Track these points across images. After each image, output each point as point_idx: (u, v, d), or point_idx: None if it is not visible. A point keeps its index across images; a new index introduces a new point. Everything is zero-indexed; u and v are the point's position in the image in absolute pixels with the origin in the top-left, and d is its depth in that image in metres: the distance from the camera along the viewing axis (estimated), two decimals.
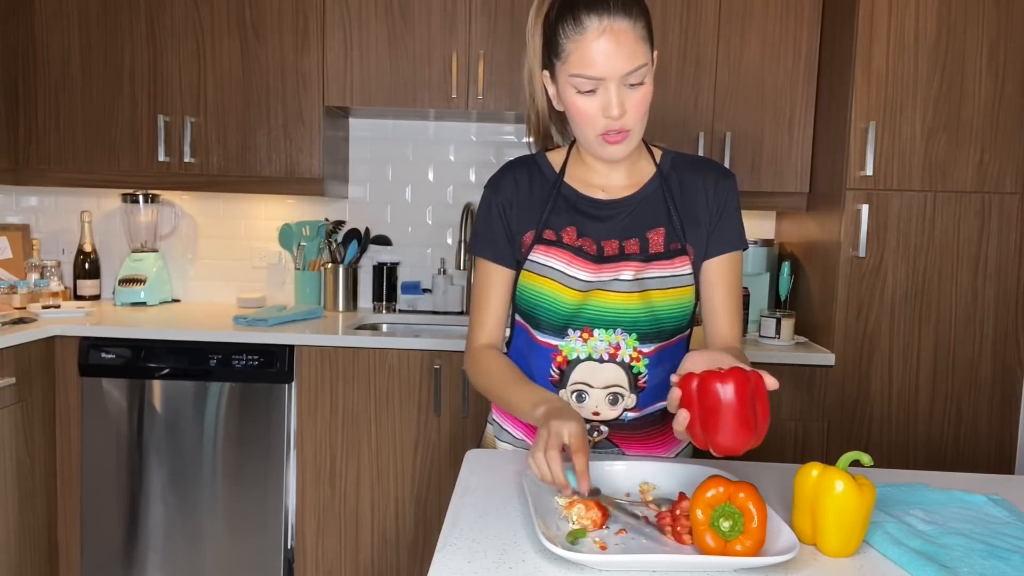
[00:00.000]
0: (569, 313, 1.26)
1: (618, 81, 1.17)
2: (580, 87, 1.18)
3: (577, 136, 1.27)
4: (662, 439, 1.34)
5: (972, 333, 2.28)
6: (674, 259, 1.27)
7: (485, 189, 1.37)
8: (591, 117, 1.20)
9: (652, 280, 1.25)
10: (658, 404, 1.32)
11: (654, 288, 1.25)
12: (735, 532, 0.89)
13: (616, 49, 1.15)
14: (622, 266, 1.25)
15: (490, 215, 1.34)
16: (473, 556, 0.91)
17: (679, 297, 1.27)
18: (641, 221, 1.29)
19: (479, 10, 2.54)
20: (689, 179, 1.31)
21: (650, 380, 1.29)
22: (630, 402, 1.29)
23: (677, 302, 1.27)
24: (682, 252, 1.27)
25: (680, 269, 1.26)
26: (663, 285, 1.25)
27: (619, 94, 1.17)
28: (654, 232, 1.28)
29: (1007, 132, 2.22)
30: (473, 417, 2.38)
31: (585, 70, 1.17)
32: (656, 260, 1.26)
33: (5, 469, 2.22)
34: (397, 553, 2.43)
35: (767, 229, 2.90)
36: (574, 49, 1.17)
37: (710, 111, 2.53)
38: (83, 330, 2.38)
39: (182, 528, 2.41)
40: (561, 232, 1.29)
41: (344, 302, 2.87)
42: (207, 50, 2.59)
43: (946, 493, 1.14)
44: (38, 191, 2.97)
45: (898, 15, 2.21)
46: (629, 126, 1.20)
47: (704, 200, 1.30)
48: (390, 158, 2.95)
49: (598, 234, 1.28)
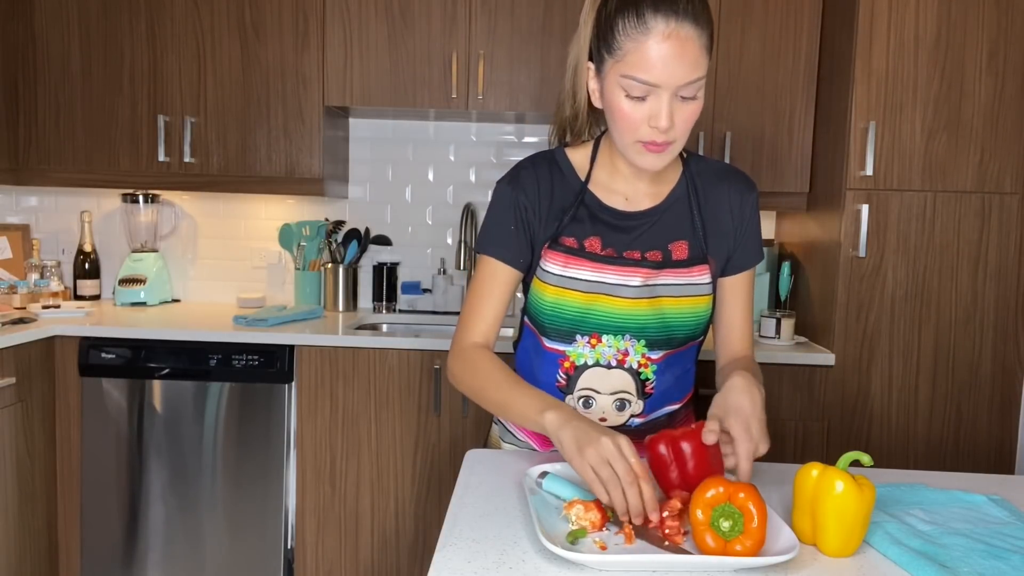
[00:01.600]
0: (575, 316, 1.23)
1: (672, 91, 1.09)
2: (631, 91, 1.10)
3: (615, 137, 1.19)
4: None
5: (972, 333, 2.28)
6: (693, 268, 1.24)
7: (502, 185, 1.28)
8: (635, 123, 1.12)
9: (665, 287, 1.23)
10: (665, 409, 1.31)
11: (667, 295, 1.23)
12: (735, 532, 0.89)
13: (679, 57, 1.07)
14: (631, 271, 1.22)
15: (507, 213, 1.26)
16: (473, 556, 0.91)
17: (694, 306, 1.24)
18: (665, 232, 1.25)
19: (479, 10, 2.54)
20: (714, 189, 1.28)
21: (657, 386, 1.28)
22: (637, 408, 1.28)
23: (691, 311, 1.24)
24: (703, 261, 1.25)
25: (698, 278, 1.24)
26: (678, 293, 1.23)
27: (670, 105, 1.09)
28: (677, 244, 1.26)
29: (1007, 132, 2.22)
30: (473, 417, 2.38)
31: (641, 74, 1.08)
32: (671, 268, 1.23)
33: (5, 469, 2.22)
34: (397, 553, 2.43)
35: (767, 229, 2.90)
36: (633, 49, 1.08)
37: (710, 111, 2.53)
38: (83, 330, 2.38)
39: (182, 528, 2.41)
40: (584, 241, 1.24)
41: (344, 302, 2.87)
42: (207, 50, 2.59)
43: (946, 493, 1.14)
44: (38, 191, 2.97)
45: (898, 15, 2.21)
46: (673, 138, 1.13)
47: (728, 213, 1.28)
48: (390, 158, 2.95)
49: (620, 245, 1.24)
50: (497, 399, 1.20)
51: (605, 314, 1.23)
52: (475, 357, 1.26)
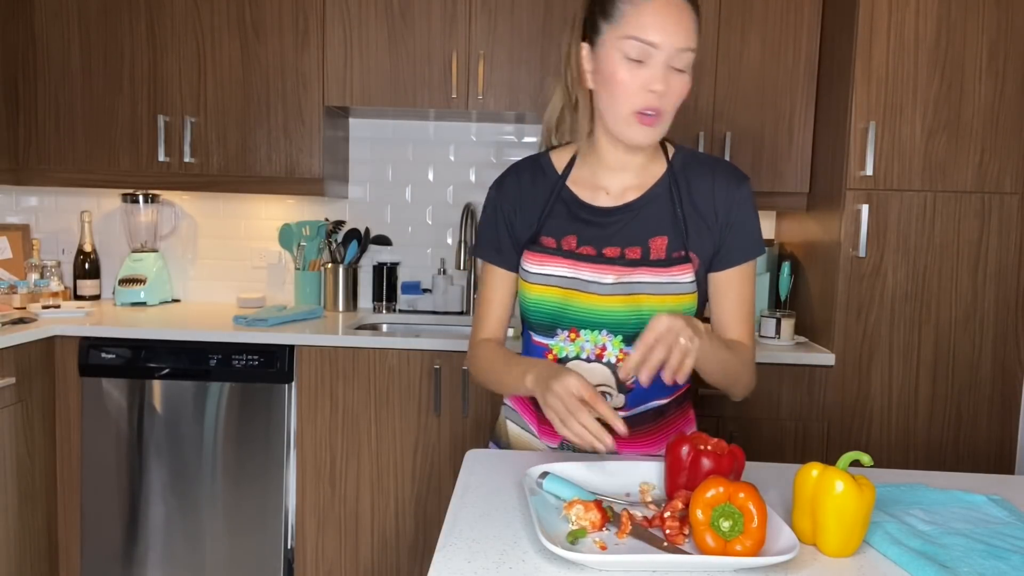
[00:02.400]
0: (555, 311, 1.27)
1: (668, 56, 1.16)
2: (629, 52, 1.16)
3: (608, 115, 1.23)
4: (653, 439, 1.33)
5: (972, 333, 2.28)
6: (673, 267, 1.24)
7: (491, 190, 1.37)
8: (631, 91, 1.17)
9: (643, 285, 1.23)
10: (650, 404, 1.31)
11: (646, 293, 1.23)
12: (735, 532, 0.89)
13: (677, 22, 1.15)
14: (605, 268, 1.24)
15: (493, 217, 1.35)
16: (473, 556, 0.91)
17: (677, 304, 1.24)
18: (645, 227, 1.26)
19: (479, 10, 2.54)
20: (699, 182, 1.28)
21: (637, 382, 1.28)
22: (618, 402, 1.29)
23: (672, 309, 1.24)
24: (685, 260, 1.25)
25: (679, 276, 1.24)
26: (659, 291, 1.23)
27: (666, 71, 1.17)
28: (657, 239, 1.26)
29: (1007, 132, 2.22)
30: (473, 417, 2.38)
31: (641, 32, 1.15)
32: (649, 266, 1.24)
33: (5, 469, 2.22)
34: (397, 553, 2.43)
35: (767, 229, 2.90)
36: (632, 12, 1.16)
37: (710, 111, 2.53)
38: (83, 330, 2.38)
39: (182, 528, 2.41)
40: (562, 240, 1.28)
41: (344, 302, 2.87)
42: (207, 50, 2.59)
43: (946, 493, 1.14)
44: (38, 191, 2.97)
45: (898, 15, 2.21)
46: (666, 108, 1.19)
47: (712, 207, 1.27)
48: (390, 158, 2.95)
49: (599, 242, 1.27)
50: (497, 378, 1.31)
51: (581, 310, 1.26)
52: (480, 349, 1.37)
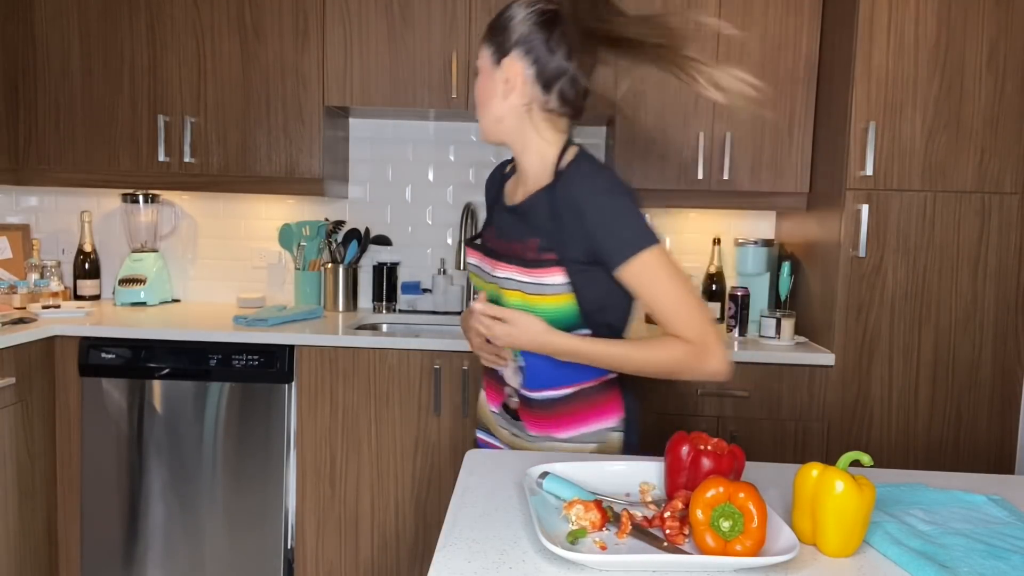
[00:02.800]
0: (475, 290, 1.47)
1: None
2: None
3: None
4: (558, 420, 1.38)
5: (972, 333, 2.28)
6: (540, 268, 1.30)
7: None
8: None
9: (512, 281, 1.32)
10: (547, 393, 1.38)
11: (512, 289, 1.32)
12: (735, 532, 0.89)
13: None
14: (490, 262, 1.39)
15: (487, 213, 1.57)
16: (473, 556, 0.91)
17: (547, 304, 1.30)
18: (525, 228, 1.37)
19: (479, 10, 2.54)
20: (567, 190, 1.31)
21: (530, 368, 1.37)
22: (517, 380, 1.41)
23: (543, 308, 1.30)
24: (553, 263, 1.30)
25: (545, 278, 1.29)
26: (527, 289, 1.31)
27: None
28: (531, 241, 1.35)
29: (1007, 132, 2.22)
30: (473, 417, 2.38)
31: None
32: (520, 264, 1.32)
33: (5, 469, 2.22)
34: (397, 553, 2.43)
35: (767, 229, 2.90)
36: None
37: (710, 111, 2.53)
38: (83, 330, 2.38)
39: (182, 528, 2.41)
40: (485, 232, 1.48)
41: (344, 302, 2.87)
42: (207, 50, 2.59)
43: (946, 493, 1.14)
44: (38, 191, 2.97)
45: (898, 15, 2.21)
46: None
47: (576, 214, 1.29)
48: (390, 158, 2.95)
49: (503, 234, 1.42)
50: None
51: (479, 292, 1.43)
52: None
